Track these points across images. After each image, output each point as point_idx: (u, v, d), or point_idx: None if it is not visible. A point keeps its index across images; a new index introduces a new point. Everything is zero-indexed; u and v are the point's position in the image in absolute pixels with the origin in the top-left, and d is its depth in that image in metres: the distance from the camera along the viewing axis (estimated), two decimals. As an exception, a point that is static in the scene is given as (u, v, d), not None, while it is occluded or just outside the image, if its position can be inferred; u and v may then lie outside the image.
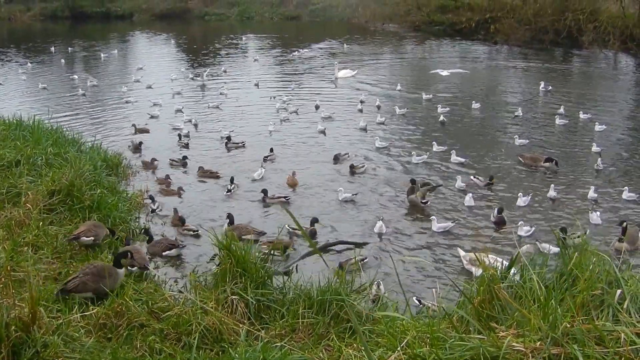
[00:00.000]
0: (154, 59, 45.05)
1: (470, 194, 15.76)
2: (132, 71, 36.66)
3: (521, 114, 24.44)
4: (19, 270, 8.68)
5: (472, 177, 17.22)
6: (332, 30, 58.23)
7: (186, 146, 21.35)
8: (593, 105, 26.22)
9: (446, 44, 48.93)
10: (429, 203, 15.70)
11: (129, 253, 9.45)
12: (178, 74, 35.14)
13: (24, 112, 20.64)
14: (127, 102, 28.14)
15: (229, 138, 21.46)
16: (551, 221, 14.68)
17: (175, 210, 14.95)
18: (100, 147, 18.42)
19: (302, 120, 24.80)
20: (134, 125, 23.24)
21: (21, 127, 17.59)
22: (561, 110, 24.46)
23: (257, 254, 8.79)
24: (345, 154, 19.71)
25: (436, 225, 14.18)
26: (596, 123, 22.36)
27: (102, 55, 44.39)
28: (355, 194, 16.34)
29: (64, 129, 19.54)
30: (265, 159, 19.49)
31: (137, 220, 14.11)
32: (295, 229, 13.70)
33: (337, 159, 19.48)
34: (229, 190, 16.78)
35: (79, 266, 9.46)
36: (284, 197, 16.24)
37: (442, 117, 24.13)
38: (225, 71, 36.51)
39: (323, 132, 22.98)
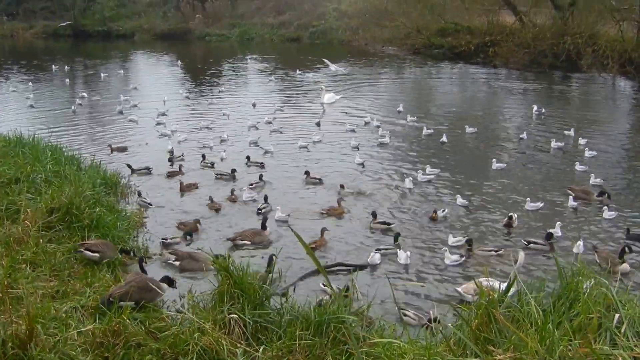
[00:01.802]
0: (153, 78, 45.27)
1: (407, 253, 14.15)
2: (127, 90, 36.68)
3: (526, 137, 24.50)
4: (16, 288, 8.68)
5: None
6: (332, 53, 58.46)
7: (181, 157, 22.06)
8: (589, 129, 26.22)
9: (445, 66, 49.15)
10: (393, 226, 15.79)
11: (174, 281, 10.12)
12: (172, 94, 35.20)
13: (13, 129, 20.74)
14: (130, 120, 28.29)
15: (203, 156, 21.83)
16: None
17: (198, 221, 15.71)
18: (100, 165, 18.45)
19: (291, 138, 25.11)
20: (109, 145, 23.33)
21: (21, 144, 17.63)
22: (571, 132, 24.65)
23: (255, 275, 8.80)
24: (318, 178, 19.74)
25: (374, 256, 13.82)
26: (586, 149, 22.39)
27: (102, 74, 44.54)
28: (289, 215, 16.51)
29: (63, 147, 19.60)
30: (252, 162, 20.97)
31: (136, 239, 14.11)
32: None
33: (307, 174, 19.77)
34: (251, 187, 18.64)
35: (77, 284, 9.47)
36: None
37: (444, 138, 24.30)
38: (220, 91, 36.64)
39: (306, 147, 23.63)
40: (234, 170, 20.10)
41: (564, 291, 6.93)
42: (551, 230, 14.97)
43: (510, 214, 15.81)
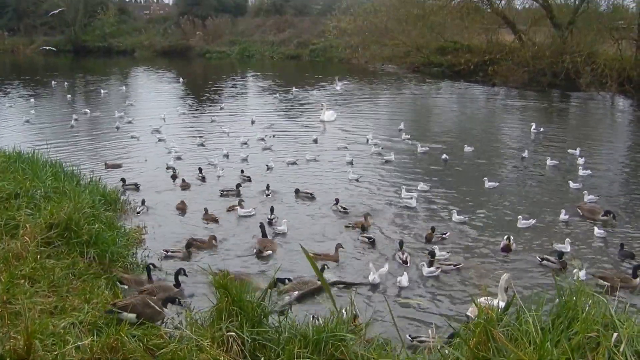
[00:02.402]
0: (154, 95, 45.44)
1: (406, 275, 13.65)
2: (123, 107, 36.80)
3: (527, 156, 24.55)
4: (14, 303, 8.65)
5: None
6: (331, 71, 58.67)
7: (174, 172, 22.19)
8: (587, 147, 26.09)
9: (445, 84, 49.31)
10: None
11: (177, 299, 10.39)
12: (173, 111, 35.39)
13: (12, 144, 20.85)
14: (132, 137, 28.38)
15: (200, 170, 22.26)
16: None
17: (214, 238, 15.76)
18: (99, 181, 18.48)
19: (291, 155, 25.16)
20: (105, 162, 23.33)
21: (20, 159, 17.63)
22: (577, 151, 24.56)
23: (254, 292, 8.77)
24: (309, 193, 19.92)
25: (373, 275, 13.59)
26: (580, 167, 22.45)
27: (102, 91, 44.68)
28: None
29: (62, 162, 19.63)
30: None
31: (135, 255, 14.09)
32: None
33: (297, 192, 20.03)
34: (267, 195, 19.74)
35: (76, 300, 9.44)
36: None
37: (444, 156, 24.42)
38: (222, 108, 36.78)
39: (294, 163, 23.91)
40: (239, 185, 20.29)
41: (562, 309, 6.92)
42: (561, 246, 15.14)
43: (508, 236, 15.68)
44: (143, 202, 18.36)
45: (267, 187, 20.20)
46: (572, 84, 43.44)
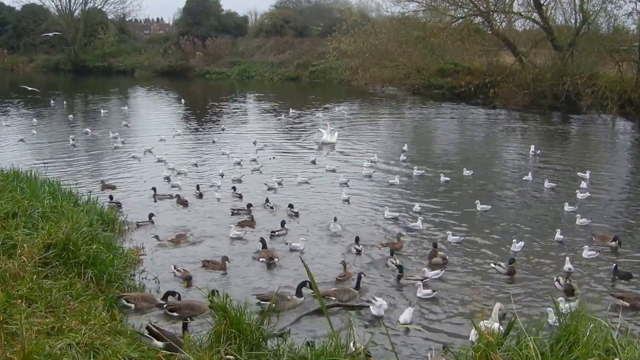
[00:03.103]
0: (154, 115, 45.58)
1: (409, 310, 12.82)
2: (119, 127, 36.95)
3: (531, 179, 24.50)
4: (11, 323, 8.59)
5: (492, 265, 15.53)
6: (331, 92, 58.82)
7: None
8: (587, 170, 25.80)
9: (445, 107, 49.36)
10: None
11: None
12: (172, 131, 35.49)
13: (10, 163, 20.87)
14: (133, 157, 28.48)
15: (197, 187, 22.51)
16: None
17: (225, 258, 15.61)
18: (97, 201, 18.45)
19: (291, 174, 25.31)
20: (102, 181, 23.31)
21: (18, 178, 17.60)
22: (587, 174, 24.35)
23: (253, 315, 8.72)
24: (295, 212, 19.97)
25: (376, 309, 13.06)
26: (577, 191, 22.28)
27: (102, 110, 44.75)
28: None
29: (59, 182, 19.64)
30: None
31: (133, 277, 14.01)
32: None
33: (291, 206, 20.22)
34: (271, 207, 20.33)
35: (73, 321, 9.38)
36: None
37: (444, 178, 24.38)
38: (223, 129, 36.84)
39: (279, 184, 23.76)
40: (249, 205, 20.27)
41: (563, 333, 6.87)
42: (568, 267, 15.16)
43: (512, 258, 15.59)
44: (150, 216, 18.62)
45: (267, 200, 20.67)
46: (573, 107, 43.52)
